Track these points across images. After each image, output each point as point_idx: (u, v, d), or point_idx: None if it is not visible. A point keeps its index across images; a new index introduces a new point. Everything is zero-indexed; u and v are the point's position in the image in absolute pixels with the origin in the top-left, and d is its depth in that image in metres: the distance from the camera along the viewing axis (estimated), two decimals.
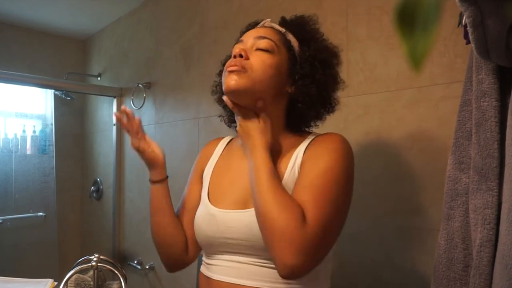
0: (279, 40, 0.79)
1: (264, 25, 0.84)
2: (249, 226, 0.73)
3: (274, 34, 0.80)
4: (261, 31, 0.80)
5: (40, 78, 2.20)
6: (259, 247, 0.72)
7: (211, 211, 0.80)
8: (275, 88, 0.78)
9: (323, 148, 0.76)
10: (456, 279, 0.68)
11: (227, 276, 0.76)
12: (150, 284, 2.04)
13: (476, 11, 0.53)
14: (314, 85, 0.79)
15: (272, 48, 0.77)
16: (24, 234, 2.32)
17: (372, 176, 1.11)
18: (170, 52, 1.95)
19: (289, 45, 0.80)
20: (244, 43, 0.79)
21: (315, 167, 0.72)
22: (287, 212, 0.65)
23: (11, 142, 2.32)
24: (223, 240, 0.76)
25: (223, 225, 0.76)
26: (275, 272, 0.70)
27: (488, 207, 0.61)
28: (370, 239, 1.11)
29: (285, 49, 0.80)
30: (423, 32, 0.21)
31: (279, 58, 0.78)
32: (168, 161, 0.91)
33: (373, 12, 1.12)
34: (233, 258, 0.76)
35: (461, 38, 0.77)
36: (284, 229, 0.63)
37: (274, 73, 0.76)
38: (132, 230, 2.21)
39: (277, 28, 0.82)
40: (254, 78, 0.75)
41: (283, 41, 0.80)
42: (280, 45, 0.79)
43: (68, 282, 0.78)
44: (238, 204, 0.78)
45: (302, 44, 0.81)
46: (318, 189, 0.68)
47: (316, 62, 0.79)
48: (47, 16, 2.34)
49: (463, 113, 0.69)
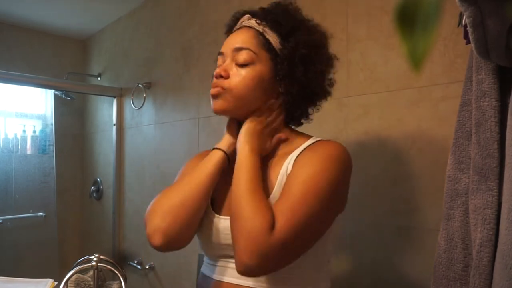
0: (257, 45, 0.77)
1: (242, 24, 0.81)
2: None
3: (252, 39, 0.77)
4: (239, 39, 0.78)
5: (40, 78, 2.20)
6: None
7: (211, 217, 0.79)
8: (265, 95, 0.78)
9: (310, 156, 0.74)
10: (456, 279, 0.68)
11: (228, 277, 0.76)
12: (150, 284, 2.04)
13: (476, 11, 0.53)
14: (296, 84, 0.77)
15: (252, 59, 0.76)
16: (24, 234, 2.32)
17: (372, 176, 1.11)
18: (170, 52, 1.95)
19: (269, 46, 0.77)
20: (224, 56, 0.79)
21: (298, 175, 0.71)
22: (257, 215, 0.64)
23: (11, 142, 2.32)
24: (223, 246, 0.76)
25: (222, 232, 0.76)
26: (274, 274, 0.70)
27: (488, 207, 0.61)
28: (370, 239, 1.11)
29: (265, 52, 0.77)
30: (423, 32, 0.21)
31: (260, 67, 0.76)
32: (167, 161, 0.91)
33: (373, 12, 1.12)
34: (233, 260, 0.76)
35: (461, 38, 0.77)
36: (250, 231, 0.63)
37: (256, 85, 0.76)
38: (132, 230, 2.21)
39: (255, 27, 0.78)
40: (235, 95, 0.76)
41: (262, 44, 0.77)
42: (259, 51, 0.76)
43: (68, 282, 0.78)
44: None
45: (282, 38, 0.77)
46: (295, 198, 0.67)
47: (295, 60, 0.76)
48: (47, 16, 2.34)
49: (463, 113, 0.69)
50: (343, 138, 1.17)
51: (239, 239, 0.65)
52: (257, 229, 0.63)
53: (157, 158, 2.00)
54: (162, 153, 1.97)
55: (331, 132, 1.21)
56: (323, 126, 1.23)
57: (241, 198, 0.68)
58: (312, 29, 0.81)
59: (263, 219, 0.63)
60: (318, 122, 1.24)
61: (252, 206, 0.66)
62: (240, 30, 0.80)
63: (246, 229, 0.64)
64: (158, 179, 1.98)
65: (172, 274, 1.90)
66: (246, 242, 0.63)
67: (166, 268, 1.95)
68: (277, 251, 0.63)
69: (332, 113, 1.21)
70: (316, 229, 0.70)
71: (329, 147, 0.75)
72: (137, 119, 2.19)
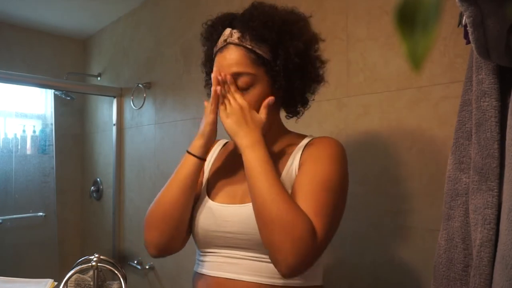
0: (253, 65, 0.76)
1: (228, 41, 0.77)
2: (246, 220, 0.74)
3: (245, 59, 0.76)
4: (232, 62, 0.76)
5: (40, 78, 2.20)
6: (255, 241, 0.73)
7: (208, 205, 0.81)
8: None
9: (321, 152, 0.78)
10: (456, 279, 0.68)
11: (224, 272, 0.77)
12: (150, 284, 2.04)
13: (476, 11, 0.53)
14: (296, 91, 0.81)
15: (252, 82, 0.77)
16: (24, 234, 2.32)
17: (372, 176, 1.11)
18: (170, 52, 1.95)
19: (263, 61, 0.77)
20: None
21: (314, 172, 0.74)
22: (299, 220, 0.66)
23: (11, 142, 2.31)
24: (220, 234, 0.77)
25: (220, 219, 0.77)
26: (271, 267, 0.70)
27: (488, 207, 0.61)
28: (370, 239, 1.11)
29: (260, 68, 0.77)
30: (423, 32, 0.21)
31: (260, 86, 0.78)
32: (167, 161, 0.91)
33: (373, 12, 1.12)
34: (230, 253, 0.77)
35: (461, 38, 0.77)
36: (299, 237, 0.65)
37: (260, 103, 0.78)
38: (132, 230, 2.21)
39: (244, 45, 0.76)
40: None
41: (256, 62, 0.76)
42: (256, 70, 0.77)
43: (68, 282, 0.78)
44: (235, 199, 0.80)
45: (271, 47, 0.77)
46: (319, 200, 0.71)
47: (290, 71, 0.77)
48: (47, 16, 2.34)
49: (463, 113, 0.69)
50: (343, 138, 1.17)
51: (284, 244, 0.66)
52: (305, 235, 0.65)
53: (157, 158, 2.00)
54: (162, 153, 1.97)
55: (331, 132, 1.21)
56: (323, 126, 1.23)
57: (271, 202, 0.68)
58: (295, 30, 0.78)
59: (308, 225, 0.67)
60: (318, 122, 1.24)
61: (289, 210, 0.67)
62: (228, 50, 0.77)
63: (292, 235, 0.66)
64: (158, 179, 1.98)
65: (172, 274, 1.90)
66: (294, 247, 0.65)
67: (166, 268, 1.95)
68: (320, 252, 0.70)
69: (332, 113, 1.21)
70: (337, 224, 0.76)
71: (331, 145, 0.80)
72: (137, 119, 2.19)
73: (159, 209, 0.80)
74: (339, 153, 0.78)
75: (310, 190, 0.72)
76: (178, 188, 0.79)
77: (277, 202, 0.67)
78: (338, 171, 0.76)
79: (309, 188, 0.72)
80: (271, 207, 0.67)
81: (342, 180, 0.76)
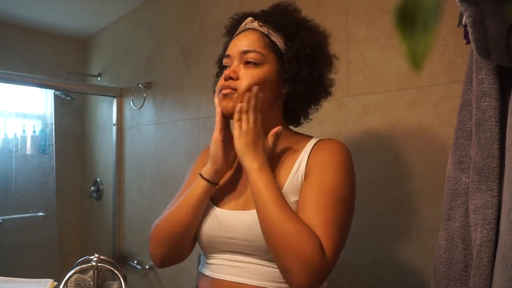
0: (264, 47, 0.79)
1: (246, 27, 0.82)
2: (249, 226, 0.74)
3: (258, 41, 0.79)
4: (245, 42, 0.79)
5: (40, 78, 2.20)
6: (258, 247, 0.73)
7: (213, 211, 0.81)
8: (269, 97, 0.80)
9: (329, 160, 0.76)
10: (456, 279, 0.68)
11: (229, 275, 0.77)
12: (150, 284, 2.04)
13: (476, 11, 0.53)
14: (302, 83, 0.79)
15: (260, 60, 0.78)
16: (24, 234, 2.32)
17: (372, 176, 1.11)
18: (170, 52, 1.95)
19: (275, 48, 0.79)
20: (232, 58, 0.81)
21: (322, 183, 0.73)
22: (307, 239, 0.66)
23: (11, 142, 2.31)
24: (224, 239, 0.77)
25: (224, 225, 0.77)
26: (276, 272, 0.71)
27: (488, 207, 0.61)
28: (370, 239, 1.11)
29: (272, 53, 0.79)
30: (423, 32, 0.21)
31: (267, 68, 0.78)
32: (167, 161, 0.91)
33: (373, 12, 1.12)
34: (234, 258, 0.77)
35: (461, 38, 0.77)
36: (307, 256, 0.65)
37: (264, 86, 0.78)
38: (132, 230, 2.21)
39: (259, 29, 0.80)
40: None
41: (268, 46, 0.79)
42: (266, 52, 0.78)
43: (68, 282, 0.78)
44: (238, 205, 0.80)
45: (286, 39, 0.79)
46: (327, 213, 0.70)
47: (301, 60, 0.78)
48: (47, 16, 2.34)
49: (463, 113, 0.69)
50: (343, 138, 1.17)
51: (293, 263, 0.66)
52: (313, 254, 0.65)
53: (157, 158, 2.00)
54: (162, 153, 1.97)
55: (331, 132, 1.21)
56: (323, 126, 1.23)
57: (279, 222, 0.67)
58: (313, 29, 0.83)
59: (315, 243, 0.66)
60: (318, 122, 1.24)
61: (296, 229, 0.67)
62: (245, 33, 0.81)
63: (300, 254, 0.65)
64: (158, 179, 1.98)
65: (172, 274, 1.90)
66: (302, 266, 0.65)
67: (166, 268, 1.94)
68: (330, 269, 0.69)
69: (332, 113, 1.21)
70: (347, 236, 0.75)
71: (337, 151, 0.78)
72: (137, 119, 2.19)
73: (167, 227, 0.81)
74: (346, 159, 0.77)
75: (318, 202, 0.71)
76: (188, 210, 0.80)
77: (284, 223, 0.67)
78: (346, 180, 0.75)
79: (317, 200, 0.71)
80: (278, 228, 0.67)
81: (350, 189, 0.76)
